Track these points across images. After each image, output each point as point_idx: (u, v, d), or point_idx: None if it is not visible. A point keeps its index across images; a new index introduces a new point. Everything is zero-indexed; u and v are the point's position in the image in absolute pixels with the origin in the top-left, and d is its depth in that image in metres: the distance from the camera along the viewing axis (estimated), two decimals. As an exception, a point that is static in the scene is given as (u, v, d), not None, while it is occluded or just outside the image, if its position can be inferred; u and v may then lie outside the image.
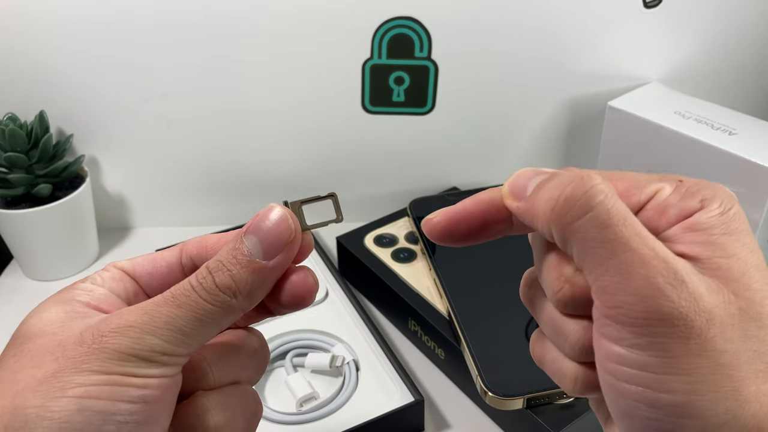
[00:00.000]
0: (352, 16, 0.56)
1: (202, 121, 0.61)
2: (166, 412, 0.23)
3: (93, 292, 0.25)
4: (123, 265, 0.27)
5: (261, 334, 0.28)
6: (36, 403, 0.20)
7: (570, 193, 0.19)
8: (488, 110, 0.62)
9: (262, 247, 0.23)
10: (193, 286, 0.23)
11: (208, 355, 0.25)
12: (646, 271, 0.18)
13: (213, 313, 0.23)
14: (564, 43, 0.59)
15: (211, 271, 0.23)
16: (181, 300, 0.22)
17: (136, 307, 0.23)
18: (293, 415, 0.44)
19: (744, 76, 0.65)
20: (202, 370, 0.25)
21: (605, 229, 0.19)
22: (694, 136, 0.52)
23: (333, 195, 0.26)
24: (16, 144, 0.54)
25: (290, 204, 0.25)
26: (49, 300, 0.25)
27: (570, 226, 0.19)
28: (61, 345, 0.22)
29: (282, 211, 0.24)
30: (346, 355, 0.48)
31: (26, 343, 0.23)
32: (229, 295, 0.23)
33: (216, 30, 0.56)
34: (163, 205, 0.66)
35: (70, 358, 0.21)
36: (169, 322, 0.22)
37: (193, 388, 0.25)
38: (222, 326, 0.24)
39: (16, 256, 0.61)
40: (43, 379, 0.21)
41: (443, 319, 0.48)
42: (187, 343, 0.23)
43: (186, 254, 0.27)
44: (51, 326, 0.23)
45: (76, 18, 0.55)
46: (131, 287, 0.26)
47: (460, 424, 0.46)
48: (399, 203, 0.62)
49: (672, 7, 0.58)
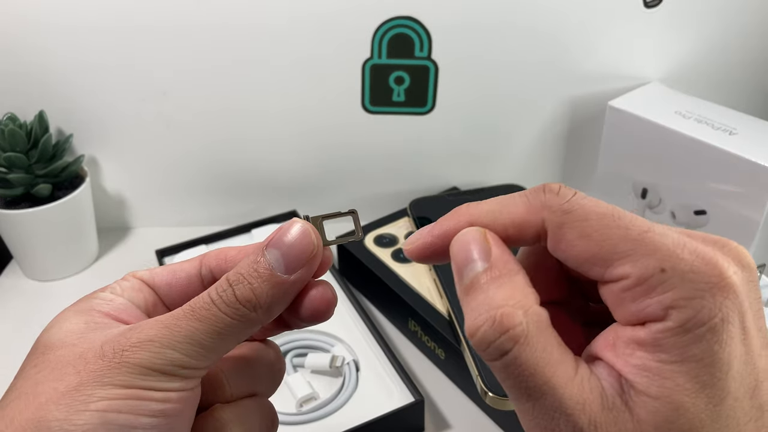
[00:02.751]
0: (352, 16, 0.56)
1: (202, 121, 0.61)
2: (186, 425, 0.23)
3: (113, 302, 0.25)
4: (142, 275, 0.27)
5: (277, 347, 0.28)
6: (59, 416, 0.20)
7: (483, 336, 0.19)
8: (488, 110, 0.62)
9: (284, 261, 0.23)
10: (212, 299, 0.23)
11: (225, 368, 0.26)
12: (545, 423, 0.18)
13: (232, 326, 0.23)
14: (564, 43, 0.59)
15: (231, 283, 0.23)
16: (200, 313, 0.22)
17: (155, 321, 0.23)
18: (293, 415, 0.44)
19: (744, 76, 0.65)
20: (220, 383, 0.25)
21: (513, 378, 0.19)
22: (695, 136, 0.52)
23: (354, 212, 0.26)
24: (15, 144, 0.54)
25: (311, 219, 0.25)
26: (69, 309, 0.25)
27: (486, 361, 0.19)
28: (82, 357, 0.22)
29: (304, 225, 0.24)
30: (346, 355, 0.48)
31: (47, 353, 0.23)
32: (249, 309, 0.23)
33: (216, 30, 0.56)
34: (163, 205, 0.66)
35: (92, 372, 0.21)
36: (189, 336, 0.22)
37: (210, 401, 0.25)
38: (240, 339, 0.24)
39: (15, 256, 0.61)
40: (66, 392, 0.21)
41: (443, 319, 0.48)
42: (206, 356, 0.23)
43: (205, 266, 0.27)
44: (71, 337, 0.23)
45: (76, 18, 0.55)
46: (150, 297, 0.26)
47: (460, 424, 0.46)
48: (399, 203, 0.62)
49: (672, 7, 0.58)
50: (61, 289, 0.59)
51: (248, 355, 0.27)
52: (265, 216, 0.63)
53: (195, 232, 0.61)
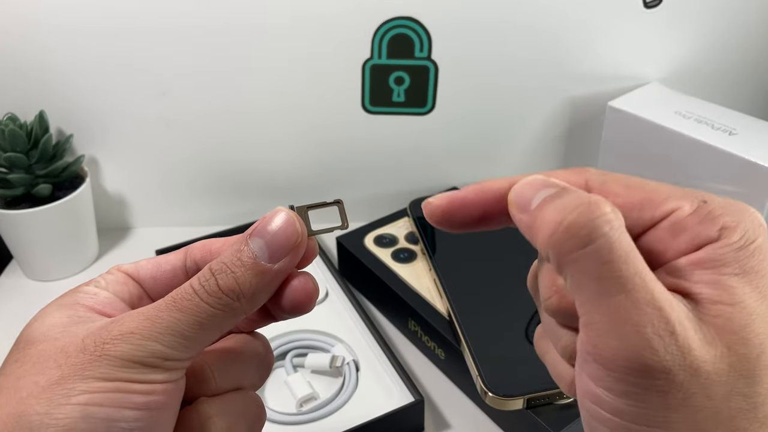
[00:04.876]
0: (352, 16, 0.56)
1: (203, 121, 0.61)
2: (170, 419, 0.23)
3: (97, 296, 0.25)
4: (127, 269, 0.26)
5: (265, 339, 0.28)
6: (40, 410, 0.20)
7: (572, 221, 0.18)
8: (488, 110, 0.62)
9: (268, 250, 0.23)
10: (195, 289, 0.23)
11: (210, 360, 0.25)
12: (637, 318, 0.17)
13: (215, 316, 0.22)
14: (564, 43, 0.59)
15: (214, 273, 0.23)
16: (182, 304, 0.22)
17: (137, 313, 0.22)
18: (293, 415, 0.44)
19: (744, 76, 0.65)
20: (204, 376, 0.25)
21: (603, 265, 0.18)
22: (694, 136, 0.52)
23: (339, 201, 0.26)
24: (15, 144, 0.54)
25: (296, 208, 0.25)
26: (53, 304, 0.25)
27: (567, 255, 0.18)
28: (64, 351, 0.22)
29: (289, 214, 0.24)
30: (346, 356, 0.48)
31: (28, 348, 0.23)
32: (233, 298, 0.23)
33: (216, 30, 0.56)
34: (163, 205, 0.66)
35: (73, 365, 0.21)
36: (171, 327, 0.22)
37: (195, 394, 0.24)
38: (224, 329, 0.23)
39: (16, 256, 0.61)
40: (47, 386, 0.21)
41: (443, 319, 0.48)
42: (189, 347, 0.22)
43: (190, 258, 0.27)
44: (53, 331, 0.23)
45: (77, 18, 0.55)
46: (135, 291, 0.26)
47: (460, 424, 0.46)
48: (399, 203, 0.62)
49: (672, 7, 0.58)
50: (61, 290, 0.58)
51: (235, 347, 0.26)
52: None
53: (195, 232, 0.61)
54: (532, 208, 0.20)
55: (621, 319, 0.18)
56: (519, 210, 0.21)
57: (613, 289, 0.18)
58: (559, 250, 0.18)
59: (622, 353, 0.17)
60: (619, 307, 0.18)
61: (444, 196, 0.23)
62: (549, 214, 0.19)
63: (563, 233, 0.18)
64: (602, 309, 0.18)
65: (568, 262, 0.18)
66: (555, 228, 0.19)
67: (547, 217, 0.19)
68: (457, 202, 0.22)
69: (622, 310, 0.18)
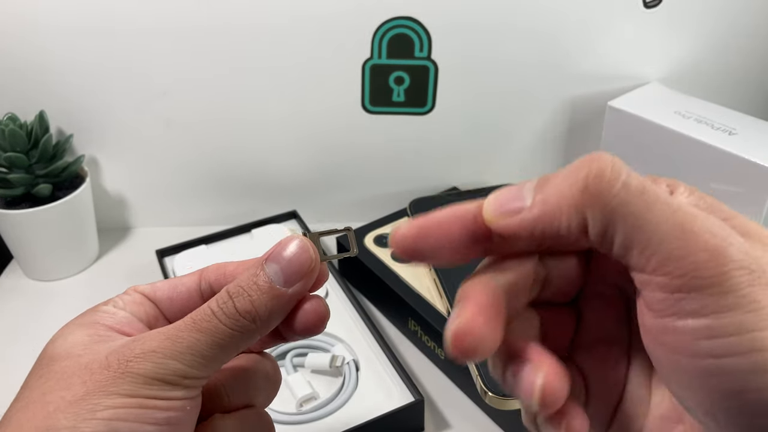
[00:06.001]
0: (352, 16, 0.56)
1: (203, 121, 0.61)
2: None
3: (115, 316, 0.26)
4: (143, 290, 0.28)
5: (273, 359, 0.29)
6: (67, 424, 0.21)
7: (598, 168, 0.17)
8: (488, 110, 0.62)
9: (283, 275, 0.24)
10: (213, 311, 0.24)
11: (224, 378, 0.26)
12: (701, 223, 0.17)
13: (232, 337, 0.24)
14: (564, 44, 0.59)
15: (231, 295, 0.24)
16: (201, 325, 0.23)
17: (158, 332, 0.24)
18: (293, 415, 0.44)
19: (744, 76, 0.65)
20: (219, 394, 0.26)
21: (642, 195, 0.17)
22: (694, 136, 0.52)
23: (349, 229, 0.28)
24: (16, 144, 0.54)
25: (309, 235, 0.26)
26: (73, 322, 0.26)
27: (612, 201, 0.17)
28: (88, 368, 0.23)
29: (303, 241, 0.25)
30: (346, 355, 0.48)
31: (52, 364, 0.23)
32: (249, 320, 0.24)
33: (216, 31, 0.56)
34: (163, 205, 0.66)
35: (98, 382, 0.22)
36: (191, 346, 0.23)
37: (210, 410, 0.26)
38: (239, 349, 0.24)
39: (16, 256, 0.61)
40: (74, 402, 0.22)
41: (443, 319, 0.48)
42: (207, 366, 0.23)
43: (205, 280, 0.28)
44: (76, 348, 0.24)
45: (77, 19, 0.55)
46: (151, 311, 0.27)
47: (460, 424, 0.46)
48: (399, 203, 0.62)
49: (672, 7, 0.58)
50: (61, 289, 0.60)
51: (246, 366, 0.27)
52: (265, 216, 0.63)
53: (195, 232, 0.61)
54: (526, 201, 0.19)
55: (694, 231, 0.17)
56: (511, 214, 0.19)
57: (667, 211, 0.17)
58: (600, 199, 0.17)
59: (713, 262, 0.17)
60: (684, 223, 0.17)
61: (412, 222, 0.20)
62: (562, 183, 0.18)
63: (595, 182, 0.17)
64: (671, 234, 0.17)
65: (616, 207, 0.17)
66: (583, 183, 0.18)
67: (561, 186, 0.18)
68: (428, 225, 0.20)
69: (688, 224, 0.17)
